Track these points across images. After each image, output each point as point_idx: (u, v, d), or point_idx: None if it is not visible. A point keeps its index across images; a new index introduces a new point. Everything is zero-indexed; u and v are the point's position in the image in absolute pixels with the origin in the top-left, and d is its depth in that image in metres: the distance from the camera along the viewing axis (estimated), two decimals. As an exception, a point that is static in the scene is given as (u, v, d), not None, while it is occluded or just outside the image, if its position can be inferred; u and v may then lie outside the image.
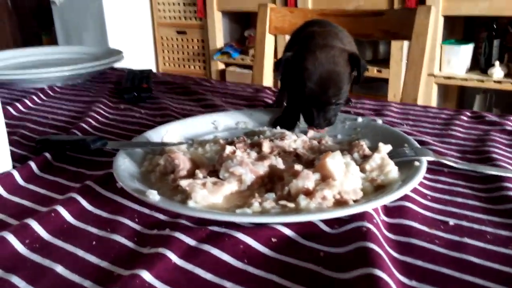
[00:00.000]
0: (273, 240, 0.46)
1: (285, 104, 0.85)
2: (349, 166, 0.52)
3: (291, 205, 0.48)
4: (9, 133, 0.77)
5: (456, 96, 2.60)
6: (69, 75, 1.12)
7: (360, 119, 0.73)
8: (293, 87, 0.70)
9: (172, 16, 3.26)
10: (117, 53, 1.25)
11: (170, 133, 0.66)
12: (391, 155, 0.58)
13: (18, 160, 0.68)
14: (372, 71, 2.42)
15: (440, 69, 2.31)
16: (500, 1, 2.03)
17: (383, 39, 1.16)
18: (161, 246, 0.45)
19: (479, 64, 2.29)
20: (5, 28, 3.72)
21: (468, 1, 2.11)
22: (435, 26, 2.16)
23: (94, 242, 0.47)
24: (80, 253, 0.46)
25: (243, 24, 3.21)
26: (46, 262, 0.44)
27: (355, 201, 0.49)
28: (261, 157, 0.56)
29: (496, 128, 0.76)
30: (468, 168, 0.59)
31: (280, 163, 0.55)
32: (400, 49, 2.28)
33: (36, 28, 3.84)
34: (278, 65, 0.70)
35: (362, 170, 0.55)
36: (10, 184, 0.60)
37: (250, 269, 0.42)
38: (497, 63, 2.18)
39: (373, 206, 0.47)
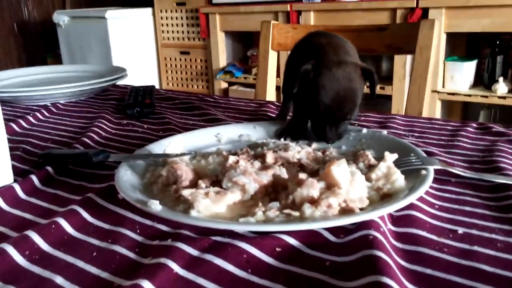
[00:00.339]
0: (278, 249, 0.45)
1: (288, 118, 0.85)
2: (354, 175, 0.51)
3: (296, 213, 0.47)
4: (11, 149, 0.76)
5: (460, 112, 2.60)
6: (72, 92, 1.12)
7: (364, 130, 0.72)
8: (305, 101, 0.70)
9: (175, 37, 3.29)
10: (120, 71, 1.25)
11: (172, 145, 0.65)
12: (397, 164, 0.57)
13: (20, 174, 0.68)
14: (376, 89, 2.42)
15: (443, 86, 2.31)
16: (502, 18, 2.04)
17: (386, 53, 1.16)
18: (163, 256, 0.44)
19: (483, 80, 2.29)
20: (11, 51, 3.76)
21: (471, 18, 2.12)
22: (438, 41, 2.17)
23: (94, 253, 0.46)
24: (80, 264, 0.45)
25: (246, 44, 3.23)
26: (46, 274, 0.43)
27: (361, 209, 0.48)
28: (265, 167, 0.55)
29: (503, 138, 0.75)
30: (475, 176, 0.58)
31: (284, 173, 0.54)
32: (403, 67, 2.29)
33: (41, 50, 3.88)
34: (295, 78, 0.68)
35: (368, 179, 0.54)
36: (11, 197, 0.60)
37: (254, 278, 0.41)
38: (501, 79, 2.18)
39: (380, 214, 0.46)
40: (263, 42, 1.31)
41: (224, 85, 3.12)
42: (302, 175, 0.50)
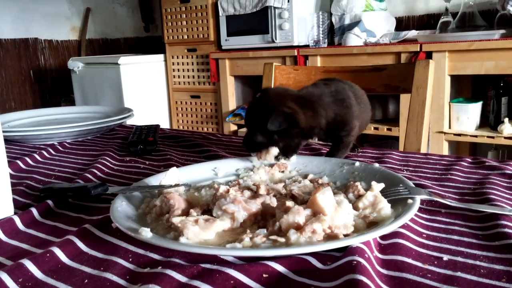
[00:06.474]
0: (265, 275, 0.46)
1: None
2: (341, 203, 0.52)
3: (282, 239, 0.48)
4: (15, 184, 0.79)
5: (468, 153, 2.59)
6: (78, 131, 1.15)
7: (357, 164, 0.74)
8: None
9: (186, 82, 3.37)
10: (127, 111, 1.29)
11: (168, 177, 0.67)
12: (385, 194, 0.58)
13: (21, 208, 0.69)
14: (383, 130, 2.44)
15: (449, 127, 2.32)
16: (504, 61, 2.07)
17: (385, 92, 1.19)
18: (152, 283, 0.45)
19: (489, 121, 2.30)
20: (27, 97, 3.87)
21: (474, 61, 2.15)
22: (441, 84, 2.20)
23: (86, 281, 0.47)
24: (71, 291, 0.46)
25: (254, 87, 3.29)
26: (36, 299, 0.44)
27: (345, 235, 0.49)
28: (255, 195, 0.56)
29: (496, 172, 0.75)
30: (462, 206, 0.59)
31: (274, 202, 0.55)
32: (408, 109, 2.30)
33: (56, 96, 3.98)
34: None
35: (355, 208, 0.55)
36: (10, 229, 0.61)
37: (238, 302, 0.42)
38: (506, 119, 2.19)
39: (363, 239, 0.47)
40: (265, 83, 1.35)
41: (234, 127, 3.16)
42: (289, 203, 0.52)
